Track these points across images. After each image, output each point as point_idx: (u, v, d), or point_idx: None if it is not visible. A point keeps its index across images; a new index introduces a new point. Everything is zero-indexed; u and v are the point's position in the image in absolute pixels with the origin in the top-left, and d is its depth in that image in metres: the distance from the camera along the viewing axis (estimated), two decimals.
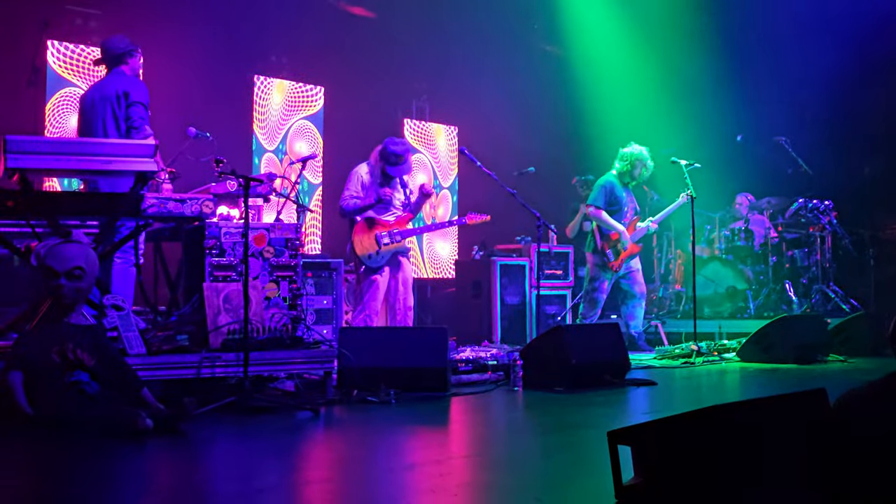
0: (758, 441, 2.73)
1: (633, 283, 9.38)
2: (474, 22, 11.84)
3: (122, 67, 6.73)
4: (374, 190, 7.68)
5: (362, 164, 7.82)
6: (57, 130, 8.75)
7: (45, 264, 5.04)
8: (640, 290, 9.42)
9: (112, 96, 6.53)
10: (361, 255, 7.59)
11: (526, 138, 12.39)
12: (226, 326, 5.65)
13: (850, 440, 2.67)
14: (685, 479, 2.76)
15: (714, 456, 2.70)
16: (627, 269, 9.34)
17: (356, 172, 7.79)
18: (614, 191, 9.37)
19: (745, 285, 10.95)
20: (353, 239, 7.63)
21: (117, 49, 6.73)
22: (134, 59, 6.80)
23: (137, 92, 6.55)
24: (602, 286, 9.37)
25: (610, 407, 5.95)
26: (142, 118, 6.48)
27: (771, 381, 7.28)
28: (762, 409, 2.87)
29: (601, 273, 9.35)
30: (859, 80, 11.89)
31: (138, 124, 6.45)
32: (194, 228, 6.14)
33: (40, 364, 4.74)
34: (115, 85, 6.60)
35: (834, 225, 11.01)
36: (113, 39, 6.81)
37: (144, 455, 4.28)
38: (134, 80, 6.70)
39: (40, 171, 5.84)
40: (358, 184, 7.72)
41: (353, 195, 7.69)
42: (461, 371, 7.02)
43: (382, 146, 7.73)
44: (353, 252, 7.64)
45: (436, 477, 3.77)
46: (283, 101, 10.96)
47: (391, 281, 7.74)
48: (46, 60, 8.74)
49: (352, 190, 7.71)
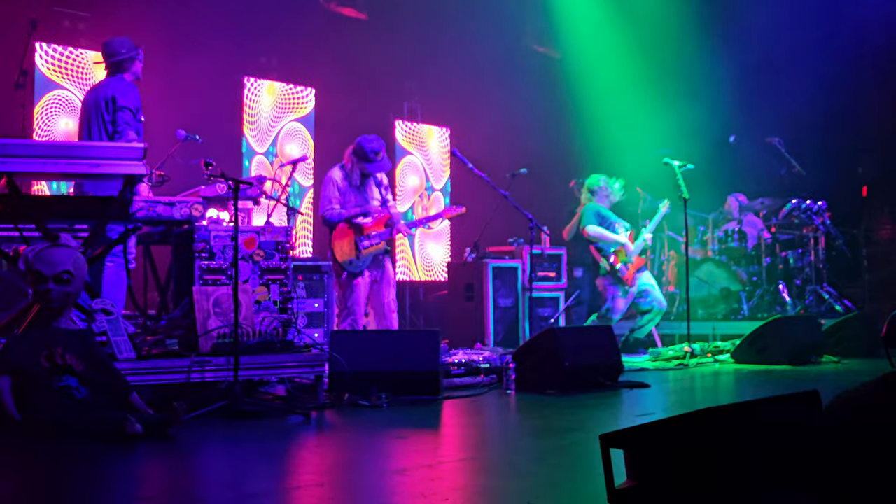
0: (751, 443, 2.71)
1: (653, 301, 9.38)
2: (465, 23, 11.83)
3: (124, 73, 6.68)
4: (353, 194, 7.59)
5: (335, 169, 7.67)
6: (45, 133, 8.70)
7: (33, 269, 5.01)
8: (659, 304, 9.40)
9: (101, 101, 6.49)
10: (342, 261, 7.49)
11: (518, 140, 12.38)
12: (216, 330, 5.62)
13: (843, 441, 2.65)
14: (678, 483, 2.74)
15: (707, 459, 2.68)
16: (643, 287, 9.35)
17: (331, 179, 7.63)
18: (601, 212, 9.53)
19: (738, 286, 10.94)
20: (334, 245, 7.52)
21: (118, 55, 6.66)
22: (136, 63, 6.75)
23: (125, 97, 6.49)
24: (616, 306, 9.33)
25: (602, 410, 5.93)
26: (127, 123, 6.41)
27: (765, 383, 7.27)
28: (756, 412, 2.85)
29: (616, 290, 9.32)
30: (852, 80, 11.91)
31: (122, 129, 6.39)
32: (184, 232, 6.11)
33: (29, 369, 4.71)
34: (106, 89, 6.57)
35: (827, 226, 11.01)
36: (115, 42, 6.72)
37: (134, 460, 4.25)
38: (125, 85, 6.62)
39: (28, 175, 5.82)
40: (335, 189, 7.57)
41: (333, 203, 7.56)
42: (454, 374, 7.00)
43: (356, 145, 7.57)
44: (333, 258, 7.56)
45: (427, 481, 3.75)
46: (274, 102, 10.93)
47: (374, 283, 7.66)
48: (35, 63, 8.69)
49: (330, 197, 7.58)
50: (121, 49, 6.68)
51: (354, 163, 7.58)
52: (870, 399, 2.69)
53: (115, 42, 6.75)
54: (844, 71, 11.82)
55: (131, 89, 6.62)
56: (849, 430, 2.64)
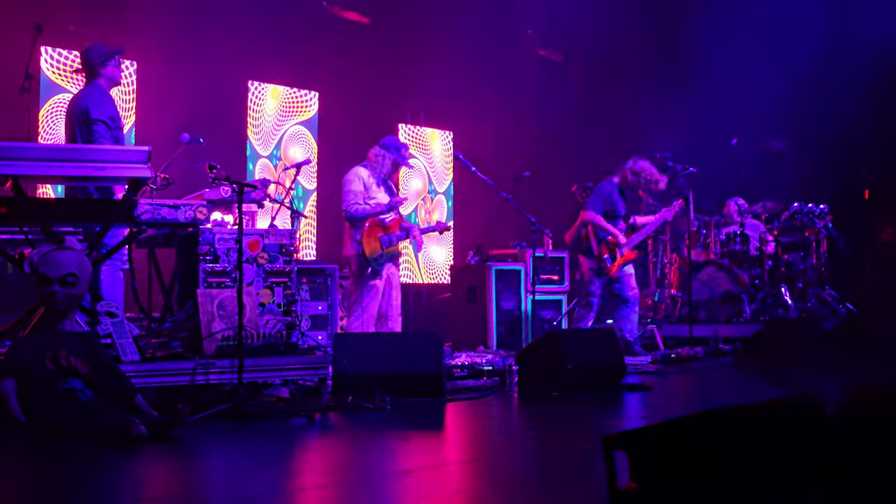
0: (753, 446, 2.72)
1: (626, 287, 9.27)
2: (468, 26, 11.84)
3: (97, 80, 6.55)
4: (376, 193, 7.65)
5: (360, 168, 7.75)
6: (50, 137, 8.73)
7: (38, 271, 5.03)
8: (633, 294, 9.31)
9: (78, 113, 6.43)
10: (371, 256, 7.51)
11: (521, 143, 12.40)
12: (220, 333, 5.63)
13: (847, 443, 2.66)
14: (680, 485, 2.75)
15: (710, 461, 2.69)
16: (620, 274, 9.25)
17: (358, 175, 7.69)
18: (612, 197, 9.31)
19: (740, 289, 10.95)
20: (363, 241, 7.52)
21: (91, 60, 6.55)
22: (108, 69, 6.57)
23: (98, 109, 6.38)
24: (596, 290, 9.29)
25: (605, 412, 5.94)
26: (102, 137, 6.35)
27: (767, 385, 7.26)
28: (758, 414, 2.86)
29: (595, 277, 9.28)
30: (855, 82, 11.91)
31: (97, 142, 6.35)
32: (188, 235, 6.12)
33: (34, 371, 4.72)
34: (81, 101, 6.48)
35: (829, 228, 11.01)
36: (90, 49, 6.62)
37: (138, 462, 4.26)
38: (97, 96, 6.49)
39: (33, 178, 5.84)
40: (361, 185, 7.64)
41: (359, 198, 7.61)
42: (457, 377, 7.01)
43: (384, 142, 7.72)
44: (360, 255, 7.54)
45: (431, 483, 3.76)
46: (277, 106, 10.96)
47: (385, 286, 7.70)
48: (40, 67, 8.73)
49: (356, 193, 7.62)
50: (93, 54, 6.56)
51: (385, 156, 7.69)
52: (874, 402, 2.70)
53: (89, 49, 6.62)
54: (847, 73, 11.83)
55: (104, 98, 6.50)
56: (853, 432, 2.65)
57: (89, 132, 6.35)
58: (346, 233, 7.71)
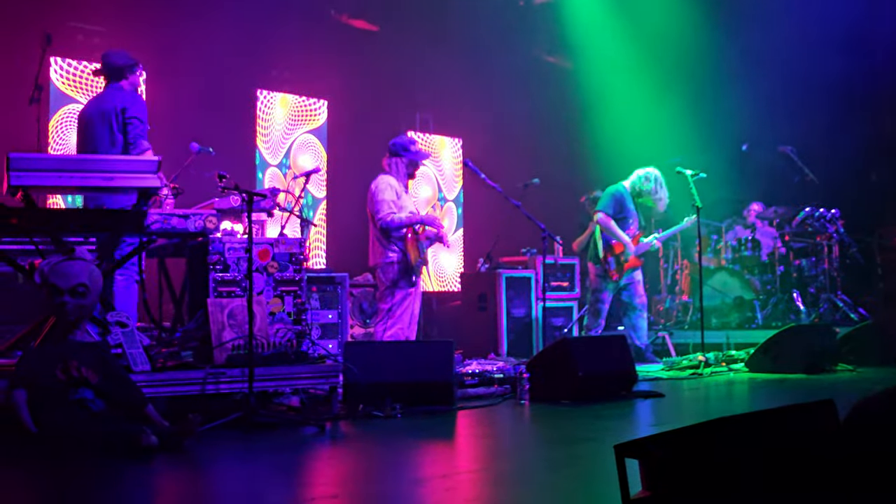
0: (765, 453, 2.70)
1: (634, 294, 9.23)
2: (477, 33, 11.85)
3: (122, 82, 6.68)
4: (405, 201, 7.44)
5: (386, 176, 7.44)
6: (60, 147, 8.76)
7: (48, 282, 5.03)
8: (640, 301, 9.26)
9: (110, 112, 6.50)
10: (415, 262, 7.34)
11: (530, 149, 12.39)
12: (230, 342, 5.63)
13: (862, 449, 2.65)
14: (693, 493, 2.73)
15: (723, 469, 2.67)
16: (629, 280, 9.20)
17: (388, 184, 7.37)
18: (623, 201, 9.25)
19: (752, 295, 10.92)
20: (408, 248, 7.30)
21: (117, 63, 6.68)
22: (134, 75, 6.75)
23: (134, 107, 6.51)
24: (604, 297, 9.25)
25: (617, 419, 5.92)
26: (139, 134, 6.45)
27: (780, 392, 7.25)
28: (770, 421, 2.84)
29: (602, 283, 9.24)
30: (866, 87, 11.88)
31: (134, 140, 6.42)
32: (198, 244, 6.13)
33: (45, 382, 4.72)
34: (112, 100, 6.56)
35: (841, 233, 10.97)
36: (114, 53, 6.77)
37: (149, 472, 4.26)
38: (131, 96, 6.65)
39: (44, 189, 5.87)
40: (393, 193, 7.33)
41: (393, 208, 7.29)
42: (467, 385, 6.99)
43: (391, 147, 7.48)
44: (404, 262, 7.29)
45: (442, 492, 3.75)
46: (287, 115, 10.97)
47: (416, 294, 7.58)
48: (49, 77, 8.75)
49: (390, 203, 7.30)
50: (119, 59, 6.69)
51: (398, 162, 7.46)
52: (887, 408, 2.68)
53: (113, 52, 6.80)
54: (857, 78, 11.79)
55: (139, 99, 6.67)
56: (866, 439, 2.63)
57: (124, 130, 6.41)
58: (378, 241, 7.40)
